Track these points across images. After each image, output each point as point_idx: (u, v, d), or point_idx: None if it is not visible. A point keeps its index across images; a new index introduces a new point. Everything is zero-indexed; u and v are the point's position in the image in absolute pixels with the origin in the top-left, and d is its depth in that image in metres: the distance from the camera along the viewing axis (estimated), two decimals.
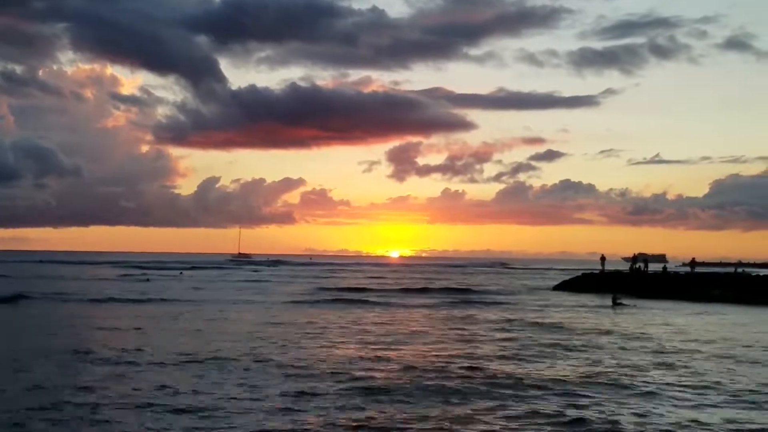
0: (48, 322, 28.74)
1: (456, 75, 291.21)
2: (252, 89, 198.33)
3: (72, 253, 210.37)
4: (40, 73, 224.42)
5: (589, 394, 14.51)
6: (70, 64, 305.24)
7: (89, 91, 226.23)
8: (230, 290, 52.99)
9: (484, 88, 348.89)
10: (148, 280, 64.88)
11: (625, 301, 40.79)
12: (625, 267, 74.13)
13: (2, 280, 57.06)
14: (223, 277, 78.65)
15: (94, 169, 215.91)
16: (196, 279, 71.60)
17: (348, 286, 61.29)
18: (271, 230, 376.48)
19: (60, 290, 46.94)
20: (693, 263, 61.61)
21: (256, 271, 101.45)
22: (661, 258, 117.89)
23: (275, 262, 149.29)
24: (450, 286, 63.20)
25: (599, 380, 16.08)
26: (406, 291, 55.35)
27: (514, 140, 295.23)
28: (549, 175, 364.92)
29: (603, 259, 61.75)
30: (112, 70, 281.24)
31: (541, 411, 12.89)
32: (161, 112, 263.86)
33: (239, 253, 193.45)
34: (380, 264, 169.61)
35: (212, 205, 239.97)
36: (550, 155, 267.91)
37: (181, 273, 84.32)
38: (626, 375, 16.88)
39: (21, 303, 37.56)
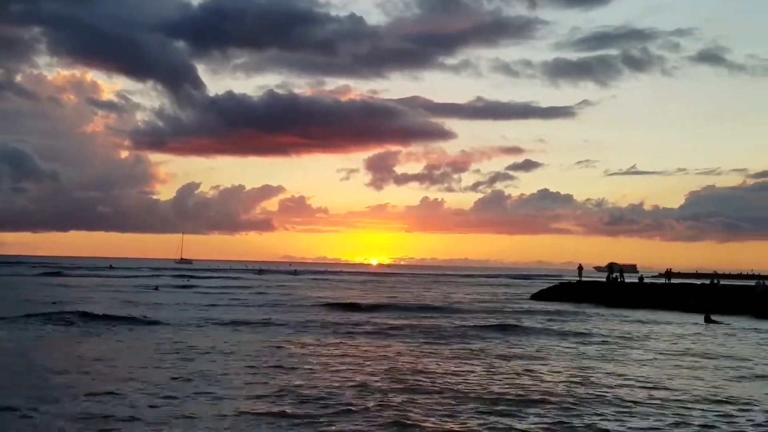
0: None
1: (433, 84, 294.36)
2: (230, 96, 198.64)
3: (52, 258, 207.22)
4: (18, 77, 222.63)
5: None
6: (48, 68, 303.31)
7: (67, 96, 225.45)
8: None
9: (461, 98, 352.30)
10: (156, 288, 62.98)
11: (718, 318, 37.17)
12: (597, 277, 74.81)
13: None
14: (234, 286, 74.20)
15: (72, 174, 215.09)
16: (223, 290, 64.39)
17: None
18: (250, 237, 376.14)
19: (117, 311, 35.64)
20: (669, 274, 62.19)
21: (235, 278, 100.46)
22: (631, 268, 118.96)
23: (260, 270, 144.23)
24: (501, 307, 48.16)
25: None
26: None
27: (491, 149, 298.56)
28: (526, 184, 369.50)
29: (580, 268, 62.26)
30: (90, 75, 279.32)
31: None
32: (139, 117, 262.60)
33: (181, 258, 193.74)
34: (379, 273, 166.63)
35: (191, 211, 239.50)
36: (528, 165, 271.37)
37: (188, 279, 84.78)
38: None
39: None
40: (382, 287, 79.32)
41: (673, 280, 61.65)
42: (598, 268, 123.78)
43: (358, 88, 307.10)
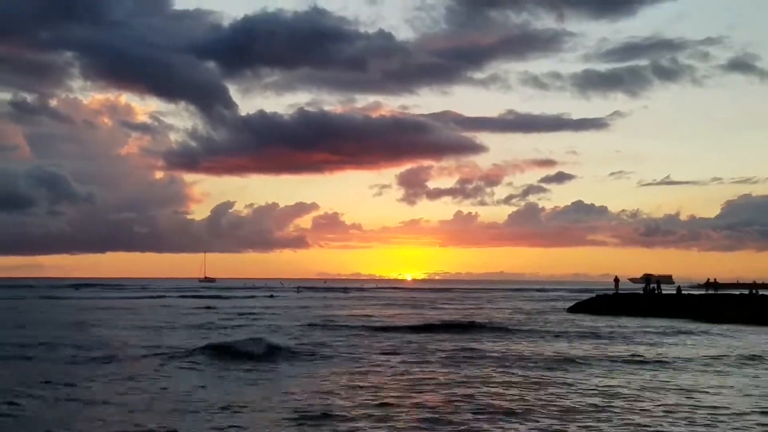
0: None
1: (462, 98, 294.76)
2: (261, 114, 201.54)
3: (92, 280, 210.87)
4: (54, 101, 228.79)
5: None
6: (81, 92, 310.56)
7: (101, 119, 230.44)
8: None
9: (492, 111, 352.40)
10: (208, 307, 63.63)
11: None
12: (632, 288, 74.90)
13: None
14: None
15: (108, 195, 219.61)
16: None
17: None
18: (284, 254, 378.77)
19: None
20: (715, 284, 62.28)
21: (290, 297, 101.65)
22: (667, 279, 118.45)
23: (299, 288, 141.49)
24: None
25: None
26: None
27: (524, 162, 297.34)
28: (560, 197, 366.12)
29: (617, 280, 62.57)
30: (123, 97, 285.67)
31: None
32: (173, 138, 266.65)
33: (205, 277, 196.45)
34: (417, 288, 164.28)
35: (226, 230, 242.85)
36: (561, 177, 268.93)
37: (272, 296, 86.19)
38: None
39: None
40: (444, 303, 79.06)
41: (710, 291, 61.54)
42: (634, 280, 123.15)
43: (388, 104, 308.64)
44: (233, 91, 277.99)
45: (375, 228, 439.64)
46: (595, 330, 38.04)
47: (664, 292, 57.11)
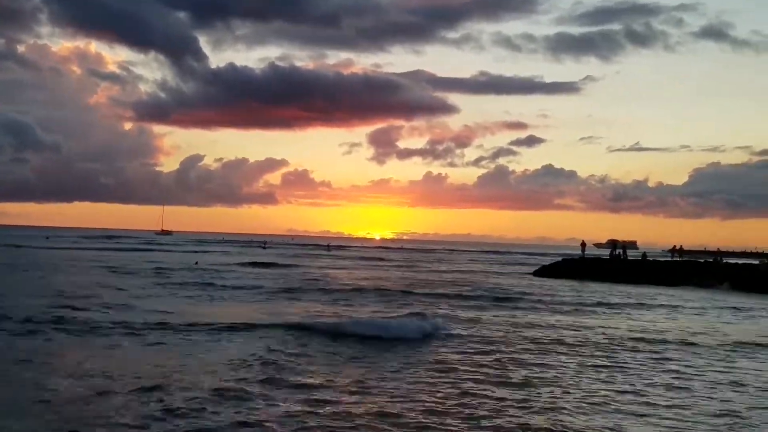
0: None
1: (435, 58, 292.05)
2: (232, 68, 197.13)
3: (58, 229, 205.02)
4: (21, 47, 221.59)
5: None
6: (50, 39, 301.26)
7: (69, 67, 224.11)
8: None
9: (464, 72, 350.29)
10: (196, 263, 57.70)
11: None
12: (597, 254, 75.11)
13: None
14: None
15: (75, 145, 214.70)
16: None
17: None
18: (253, 210, 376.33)
19: None
20: (681, 251, 62.84)
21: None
22: (632, 245, 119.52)
23: (264, 243, 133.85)
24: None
25: None
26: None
27: (495, 125, 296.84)
28: (529, 160, 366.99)
29: (583, 245, 62.39)
30: (93, 46, 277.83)
31: None
32: (142, 89, 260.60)
33: (162, 230, 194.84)
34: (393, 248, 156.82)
35: (195, 184, 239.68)
36: (531, 140, 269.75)
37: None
38: None
39: None
40: (426, 266, 74.36)
41: (676, 257, 61.97)
42: (598, 245, 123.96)
43: (360, 62, 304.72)
44: (204, 42, 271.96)
45: (344, 186, 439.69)
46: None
47: (629, 257, 57.16)
